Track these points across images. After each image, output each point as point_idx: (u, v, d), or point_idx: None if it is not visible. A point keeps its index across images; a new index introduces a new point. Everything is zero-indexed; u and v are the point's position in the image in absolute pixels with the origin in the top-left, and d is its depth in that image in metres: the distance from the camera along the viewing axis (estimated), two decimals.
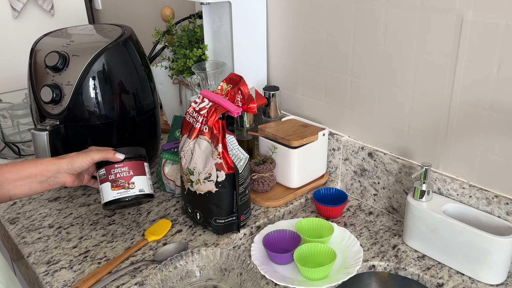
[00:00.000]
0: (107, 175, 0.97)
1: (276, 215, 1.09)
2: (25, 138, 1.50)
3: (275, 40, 1.28)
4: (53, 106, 1.11)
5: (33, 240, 1.03)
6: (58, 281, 0.91)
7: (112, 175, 0.97)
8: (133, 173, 0.98)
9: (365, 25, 1.04)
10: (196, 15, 1.43)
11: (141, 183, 0.99)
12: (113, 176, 0.97)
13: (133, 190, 0.98)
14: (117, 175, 0.97)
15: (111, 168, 0.97)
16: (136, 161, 1.00)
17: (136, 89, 1.18)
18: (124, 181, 0.97)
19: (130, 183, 0.97)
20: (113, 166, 0.97)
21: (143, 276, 0.91)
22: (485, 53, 0.86)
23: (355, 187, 1.17)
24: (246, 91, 0.98)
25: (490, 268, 0.88)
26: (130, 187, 0.97)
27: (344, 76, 1.13)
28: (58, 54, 1.09)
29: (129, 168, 0.98)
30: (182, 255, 0.90)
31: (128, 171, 0.98)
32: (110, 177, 0.97)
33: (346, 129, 1.17)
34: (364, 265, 0.96)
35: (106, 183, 0.97)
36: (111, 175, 0.97)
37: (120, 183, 0.97)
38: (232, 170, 0.96)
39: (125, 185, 0.97)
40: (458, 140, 0.96)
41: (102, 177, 0.98)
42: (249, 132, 1.21)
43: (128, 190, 0.97)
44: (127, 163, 0.98)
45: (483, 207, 0.93)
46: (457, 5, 0.88)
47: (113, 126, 1.15)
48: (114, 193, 0.97)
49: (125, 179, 0.97)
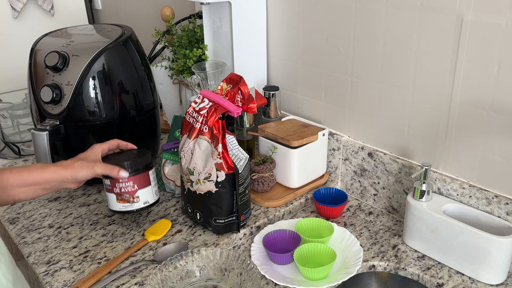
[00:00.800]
0: (112, 187, 0.99)
1: (276, 215, 1.09)
2: (25, 138, 1.50)
3: (275, 40, 1.28)
4: (53, 106, 1.11)
5: (33, 240, 1.03)
6: (58, 281, 0.91)
7: (117, 188, 0.99)
8: (138, 187, 1.00)
9: (365, 25, 1.04)
10: (196, 15, 1.43)
11: (145, 195, 1.01)
12: (118, 190, 0.99)
13: (137, 204, 1.01)
14: (121, 190, 0.99)
15: (116, 182, 0.98)
16: (141, 174, 1.00)
17: (136, 89, 1.18)
18: (129, 195, 0.99)
19: (134, 197, 1.00)
20: (118, 180, 0.98)
21: (143, 276, 0.91)
22: (485, 53, 0.86)
23: (355, 187, 1.17)
24: (246, 91, 0.98)
25: (490, 268, 0.88)
26: (135, 201, 1.00)
27: (344, 76, 1.13)
28: (58, 54, 1.09)
29: (133, 182, 0.99)
30: (182, 255, 0.90)
31: (132, 185, 0.99)
32: (115, 190, 0.99)
33: (346, 129, 1.17)
34: (364, 265, 0.96)
35: (112, 194, 1.00)
36: (116, 188, 0.99)
37: (125, 197, 0.99)
38: (232, 170, 0.96)
39: (130, 200, 1.00)
40: (458, 140, 0.96)
41: (107, 187, 1.00)
42: (249, 132, 1.21)
43: (133, 204, 1.00)
44: (131, 178, 0.98)
45: (483, 207, 0.93)
46: (457, 5, 0.88)
47: (113, 126, 1.15)
48: (120, 205, 1.00)
49: (129, 194, 0.99)
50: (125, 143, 1.04)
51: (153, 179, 1.03)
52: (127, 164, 0.97)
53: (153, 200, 1.03)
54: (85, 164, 0.93)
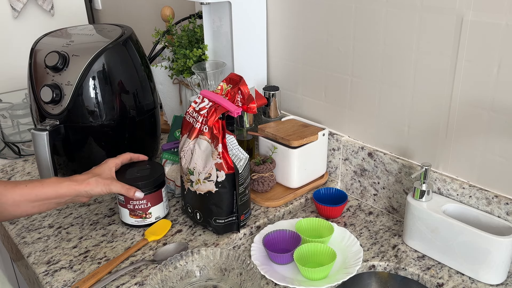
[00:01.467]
0: (125, 203, 1.02)
1: (276, 215, 1.09)
2: (25, 138, 1.50)
3: (275, 40, 1.28)
4: (53, 106, 1.11)
5: (33, 240, 1.03)
6: (58, 281, 0.91)
7: (131, 205, 1.02)
8: (151, 205, 1.03)
9: (365, 25, 1.04)
10: (196, 15, 1.43)
11: (158, 211, 1.05)
12: (132, 206, 1.02)
13: (149, 219, 1.04)
14: (135, 207, 1.02)
15: (130, 199, 1.01)
16: (155, 192, 1.03)
17: (136, 89, 1.18)
18: (142, 212, 1.02)
19: (147, 213, 1.03)
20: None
21: (143, 276, 0.91)
22: (485, 53, 0.86)
23: (355, 187, 1.17)
24: (246, 91, 0.98)
25: (490, 268, 0.88)
26: (147, 217, 1.03)
27: (344, 76, 1.13)
28: (58, 54, 1.09)
29: (147, 201, 1.02)
30: (182, 255, 0.90)
31: (146, 203, 1.02)
32: (129, 207, 1.02)
33: (346, 129, 1.17)
34: (364, 265, 0.96)
35: (125, 209, 1.03)
36: (130, 205, 1.02)
37: (137, 213, 1.03)
38: (232, 170, 0.96)
39: (142, 216, 1.03)
40: (458, 140, 0.96)
41: (121, 202, 1.03)
42: (249, 132, 1.21)
43: (145, 219, 1.03)
44: (145, 197, 1.01)
45: (483, 207, 0.93)
46: (457, 5, 0.88)
47: (113, 126, 1.15)
48: (132, 220, 1.04)
49: (143, 210, 1.02)
50: (136, 156, 1.05)
51: (165, 195, 1.06)
52: (142, 184, 1.00)
53: (163, 215, 1.07)
54: (101, 181, 0.93)
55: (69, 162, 1.18)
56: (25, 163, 1.36)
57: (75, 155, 1.16)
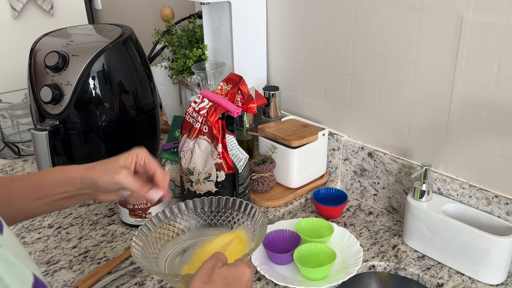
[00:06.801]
0: (125, 203, 1.03)
1: (276, 215, 1.09)
2: (25, 138, 1.50)
3: (275, 40, 1.28)
4: (53, 106, 1.11)
5: (33, 240, 1.03)
6: (58, 281, 0.91)
7: (131, 205, 1.02)
8: (150, 204, 1.03)
9: (365, 25, 1.04)
10: (196, 15, 1.43)
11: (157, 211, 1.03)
12: (131, 206, 1.03)
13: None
14: (135, 207, 1.03)
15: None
16: None
17: (136, 89, 1.18)
18: (142, 212, 1.03)
19: (147, 213, 1.03)
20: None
21: (143, 276, 0.91)
22: (485, 53, 0.86)
23: (355, 187, 1.17)
24: (246, 91, 0.98)
25: (490, 268, 0.87)
26: (147, 216, 1.03)
27: (344, 76, 1.13)
28: (57, 54, 1.09)
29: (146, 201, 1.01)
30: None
31: (145, 203, 1.02)
32: (129, 206, 1.03)
33: (346, 129, 1.17)
34: (364, 265, 0.96)
35: (125, 209, 1.03)
36: (130, 205, 1.02)
37: (137, 213, 1.03)
38: (232, 170, 0.96)
39: (142, 215, 1.03)
40: (458, 140, 0.96)
41: (121, 201, 1.03)
42: (249, 132, 1.21)
43: (145, 219, 1.03)
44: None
45: (483, 207, 0.93)
46: (457, 5, 0.88)
47: (113, 126, 1.15)
48: (132, 219, 1.04)
49: (142, 210, 1.03)
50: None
51: None
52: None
53: None
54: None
55: (69, 162, 1.18)
56: (25, 163, 1.36)
57: (75, 155, 1.16)
